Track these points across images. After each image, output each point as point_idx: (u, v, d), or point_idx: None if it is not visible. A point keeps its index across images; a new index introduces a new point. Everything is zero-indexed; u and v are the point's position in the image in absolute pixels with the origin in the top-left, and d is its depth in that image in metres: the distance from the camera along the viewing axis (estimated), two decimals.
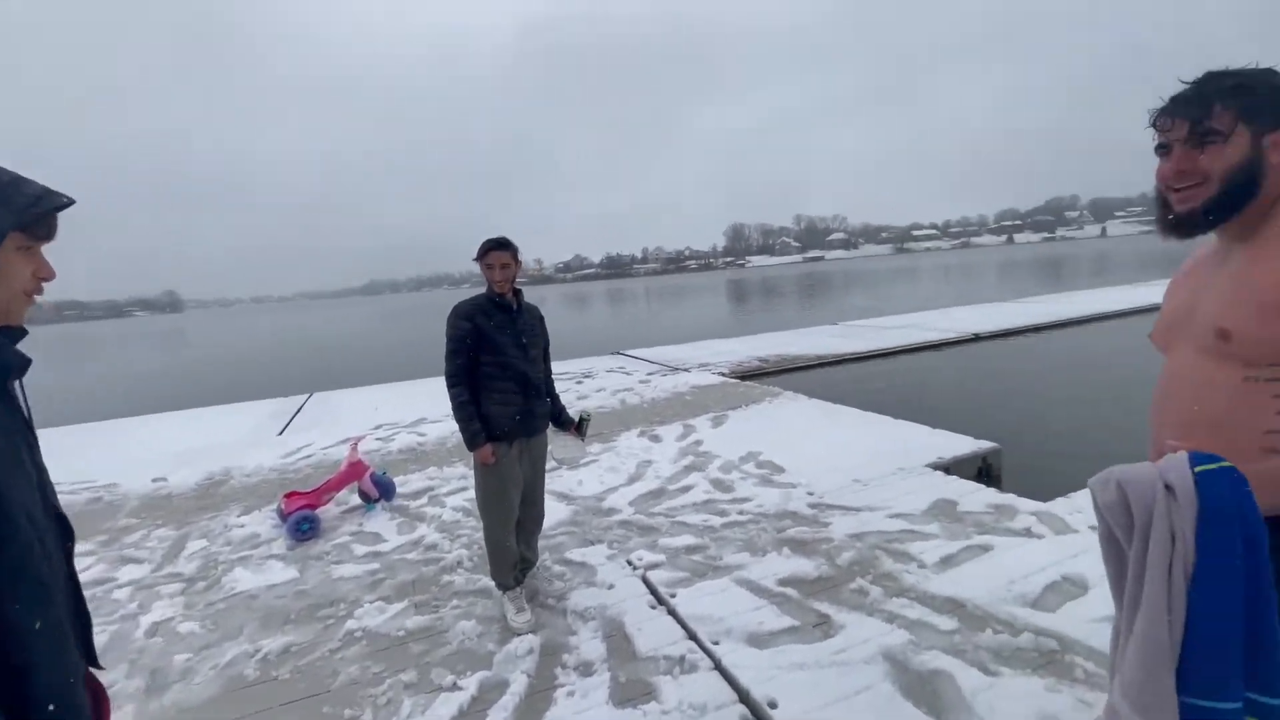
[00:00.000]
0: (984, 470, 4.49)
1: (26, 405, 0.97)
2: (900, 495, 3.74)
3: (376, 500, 4.34)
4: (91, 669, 1.10)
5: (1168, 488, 0.90)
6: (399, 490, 4.54)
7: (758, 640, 2.40)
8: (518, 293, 2.67)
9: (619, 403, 7.20)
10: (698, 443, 5.28)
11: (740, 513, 3.71)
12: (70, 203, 0.95)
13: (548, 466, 3.01)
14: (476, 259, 2.60)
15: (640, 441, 5.47)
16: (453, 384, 2.56)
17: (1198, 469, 0.90)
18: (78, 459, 6.36)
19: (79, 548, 4.01)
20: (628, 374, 9.32)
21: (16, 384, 0.94)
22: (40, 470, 0.97)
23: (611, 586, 2.93)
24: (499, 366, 2.57)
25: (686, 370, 9.27)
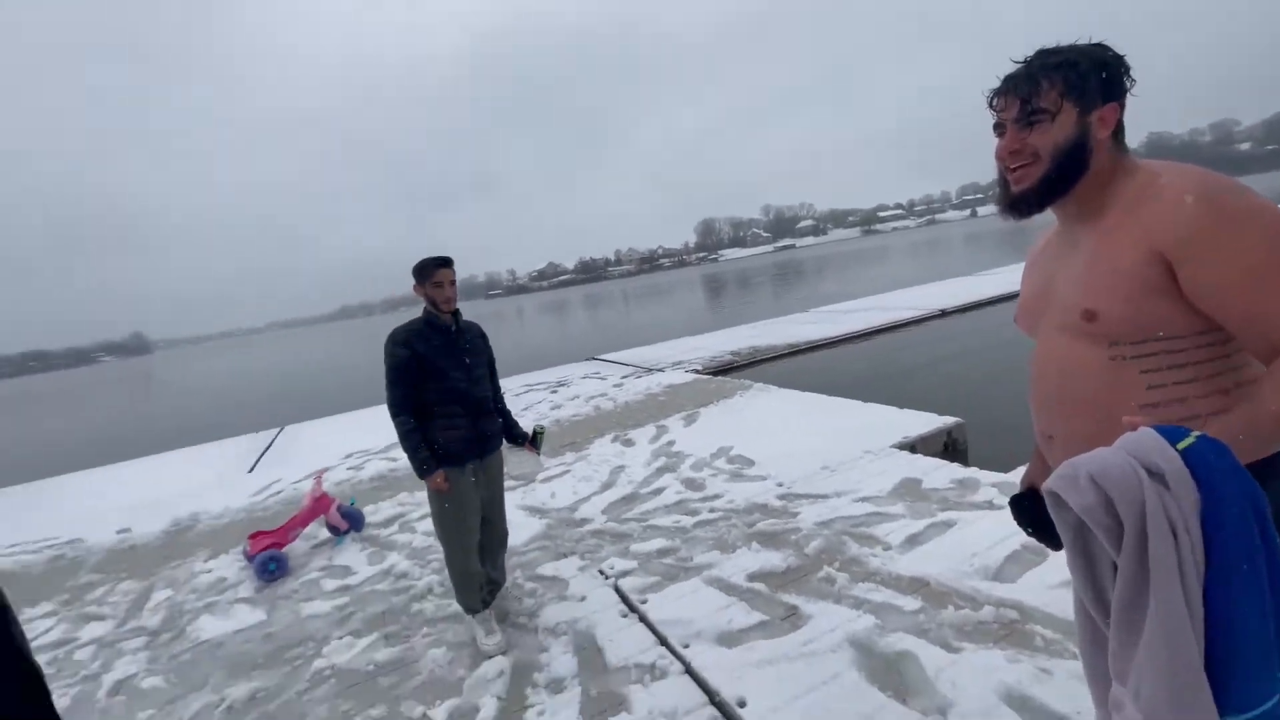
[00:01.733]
0: (949, 445, 4.56)
1: None
2: (867, 478, 3.78)
3: (345, 532, 4.26)
4: None
5: (1151, 475, 0.77)
6: (369, 519, 4.47)
7: (727, 639, 2.40)
8: (455, 312, 2.63)
9: (593, 409, 7.18)
10: (670, 443, 5.28)
11: (711, 510, 3.71)
12: None
13: (512, 484, 2.98)
14: (419, 280, 2.54)
15: (613, 447, 5.45)
16: (396, 413, 2.51)
17: (1179, 446, 0.77)
18: (39, 516, 6.16)
19: (37, 610, 3.86)
20: (602, 379, 9.29)
21: None
22: None
23: (583, 598, 2.91)
24: (443, 391, 2.53)
25: (660, 370, 9.27)
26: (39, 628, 3.59)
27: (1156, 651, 0.75)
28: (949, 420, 4.71)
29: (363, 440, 7.49)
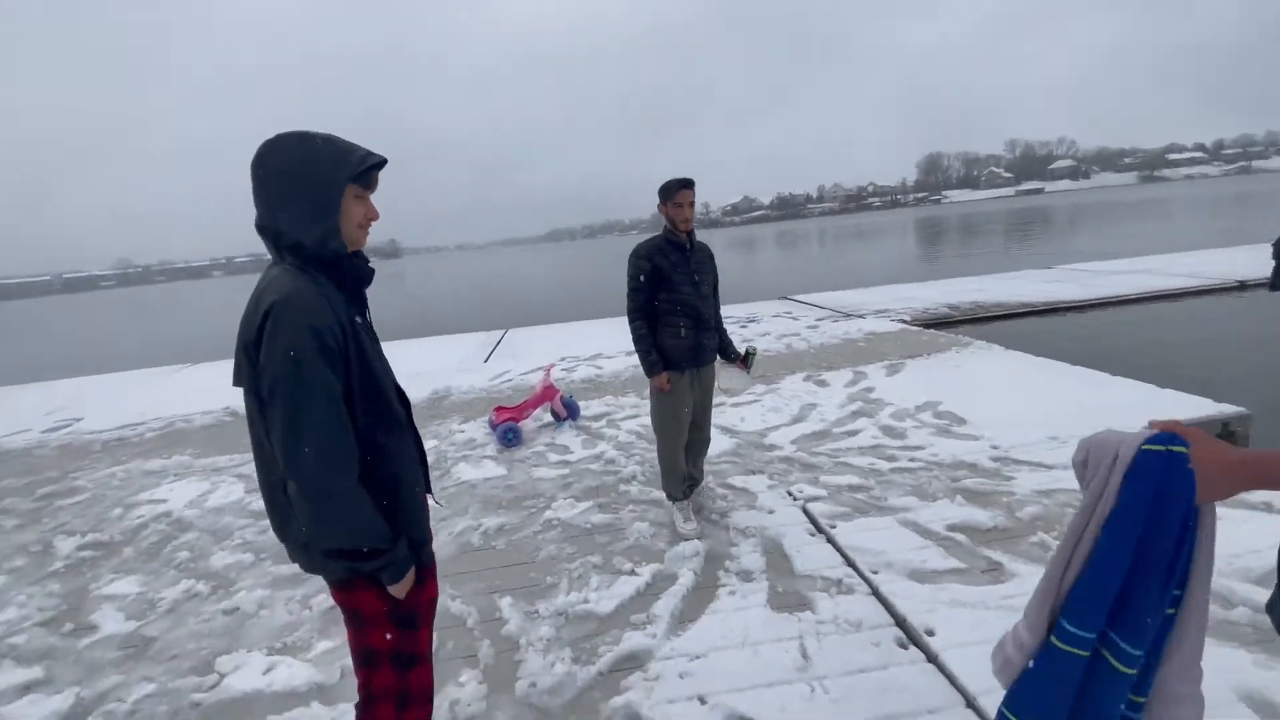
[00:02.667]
0: (1225, 438, 3.80)
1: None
2: None
3: (565, 419, 4.95)
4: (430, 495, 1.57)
5: (1117, 457, 0.99)
6: (582, 413, 5.12)
7: (919, 576, 2.43)
8: (690, 232, 2.83)
9: (784, 347, 7.16)
10: (868, 389, 5.13)
11: (911, 460, 3.62)
12: (384, 161, 1.27)
13: (719, 397, 3.20)
14: (662, 200, 2.78)
15: (805, 385, 5.45)
16: (633, 318, 2.82)
17: (1144, 446, 0.96)
18: None
19: None
20: (794, 319, 9.14)
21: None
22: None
23: (771, 512, 3.11)
24: (673, 303, 2.78)
25: (860, 317, 8.83)
26: None
27: (1048, 564, 1.05)
28: (1228, 409, 3.91)
29: (573, 348, 8.39)
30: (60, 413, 7.54)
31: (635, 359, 7.42)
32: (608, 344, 8.35)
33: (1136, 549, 0.99)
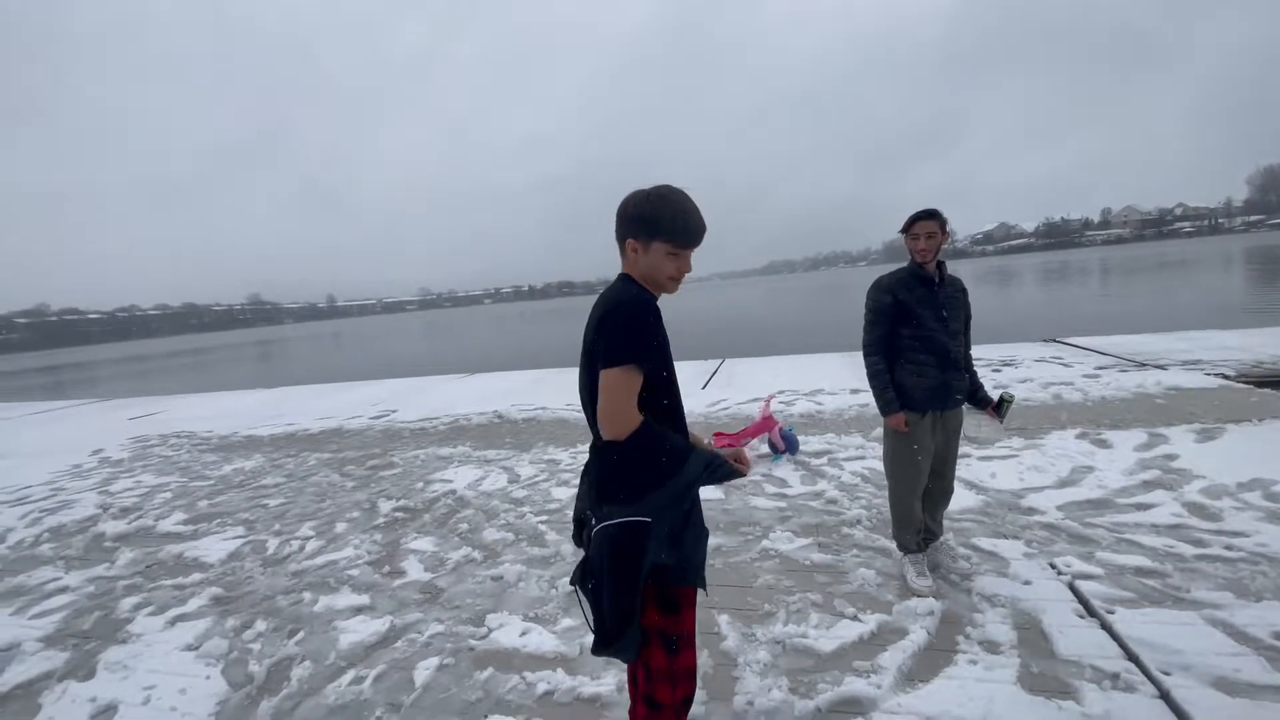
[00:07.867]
0: None
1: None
2: None
3: (782, 452, 4.92)
4: None
5: None
6: (801, 448, 5.03)
7: (1229, 687, 1.92)
8: (940, 264, 2.67)
9: (1051, 397, 6.15)
10: (1169, 456, 4.17)
11: (1228, 547, 2.87)
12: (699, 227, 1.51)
13: (965, 447, 2.94)
14: (901, 230, 2.70)
15: (1079, 444, 4.62)
16: (869, 353, 2.75)
17: None
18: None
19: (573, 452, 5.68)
20: (1065, 365, 7.79)
21: None
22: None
23: (1028, 583, 2.72)
24: (917, 339, 2.64)
25: (1160, 368, 7.19)
26: None
27: None
28: None
29: (791, 381, 8.27)
30: (382, 404, 9.76)
31: (860, 397, 7.08)
32: (829, 379, 8.06)
33: None
